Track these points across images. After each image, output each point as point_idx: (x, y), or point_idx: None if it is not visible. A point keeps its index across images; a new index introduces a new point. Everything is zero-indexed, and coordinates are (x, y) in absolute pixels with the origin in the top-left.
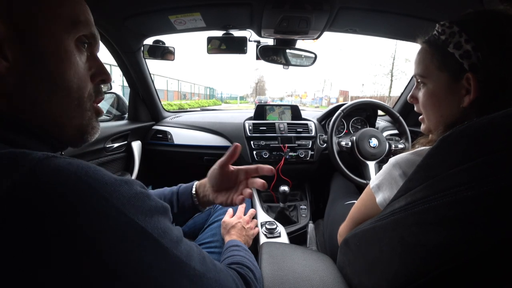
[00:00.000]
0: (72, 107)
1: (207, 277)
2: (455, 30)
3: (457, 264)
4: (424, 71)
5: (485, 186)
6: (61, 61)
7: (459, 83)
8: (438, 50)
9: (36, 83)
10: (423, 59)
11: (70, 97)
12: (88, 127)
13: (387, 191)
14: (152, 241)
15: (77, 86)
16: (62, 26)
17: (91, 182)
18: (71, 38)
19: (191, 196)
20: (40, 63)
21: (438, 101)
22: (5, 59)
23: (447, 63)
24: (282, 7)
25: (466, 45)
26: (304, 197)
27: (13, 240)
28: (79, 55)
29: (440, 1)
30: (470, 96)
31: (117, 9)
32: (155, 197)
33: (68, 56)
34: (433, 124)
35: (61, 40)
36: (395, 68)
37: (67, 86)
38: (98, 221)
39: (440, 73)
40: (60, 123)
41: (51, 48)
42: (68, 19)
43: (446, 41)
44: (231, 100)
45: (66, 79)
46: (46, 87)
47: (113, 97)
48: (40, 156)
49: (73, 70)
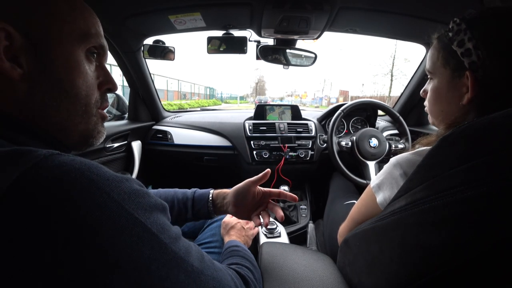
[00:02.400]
0: (79, 113)
1: (205, 275)
2: (462, 28)
3: (457, 264)
4: (431, 67)
5: (485, 186)
6: (71, 70)
7: (460, 80)
8: (444, 47)
9: (46, 90)
10: (432, 55)
11: (78, 104)
12: (94, 132)
13: (388, 191)
14: (151, 236)
15: (85, 94)
16: (74, 38)
17: (93, 178)
18: (82, 49)
19: (207, 204)
20: (52, 72)
21: (440, 97)
22: (20, 67)
23: (450, 60)
24: (282, 7)
25: (468, 43)
26: (304, 197)
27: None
28: (88, 64)
29: (441, 1)
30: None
31: (117, 9)
32: (154, 195)
33: (78, 65)
34: (434, 118)
35: (72, 51)
36: (395, 68)
37: (75, 93)
38: (99, 215)
39: (444, 69)
40: (65, 128)
41: (63, 58)
42: (80, 31)
43: (452, 39)
44: (231, 100)
45: (75, 86)
46: (56, 94)
47: (113, 97)
48: (45, 153)
49: (82, 78)
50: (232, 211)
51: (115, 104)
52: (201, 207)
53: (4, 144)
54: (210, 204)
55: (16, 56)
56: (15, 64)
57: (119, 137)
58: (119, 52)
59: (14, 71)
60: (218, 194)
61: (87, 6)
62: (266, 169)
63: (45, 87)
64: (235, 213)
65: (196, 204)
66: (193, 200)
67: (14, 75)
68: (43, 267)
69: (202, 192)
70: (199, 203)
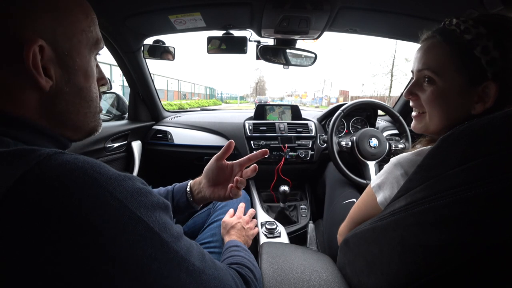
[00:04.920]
0: (92, 113)
1: (206, 274)
2: (482, 32)
3: (457, 264)
4: (438, 68)
5: (485, 186)
6: (89, 77)
7: (475, 89)
8: (460, 49)
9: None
10: (438, 55)
11: (93, 107)
12: (98, 126)
13: (388, 191)
14: (153, 235)
15: (96, 95)
16: (90, 45)
17: (96, 176)
18: (94, 55)
19: (185, 194)
20: (74, 82)
21: (446, 103)
22: (50, 78)
23: (469, 66)
24: (282, 7)
25: (494, 51)
26: (304, 197)
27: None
28: (95, 68)
29: (440, 1)
30: (484, 104)
31: (117, 9)
32: (156, 194)
33: (92, 72)
34: (434, 124)
35: (89, 59)
36: (395, 68)
37: (91, 98)
38: (101, 213)
39: (456, 74)
40: (78, 127)
41: (83, 67)
42: (93, 39)
43: (472, 42)
44: (231, 100)
45: (91, 92)
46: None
47: (113, 97)
48: (48, 152)
49: (94, 83)
50: (209, 192)
51: (115, 104)
52: (180, 197)
53: (11, 143)
54: (189, 193)
55: (46, 68)
56: (47, 77)
57: (119, 137)
58: (119, 52)
59: (47, 84)
60: (195, 181)
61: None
62: (229, 140)
63: (67, 96)
64: (212, 193)
65: (175, 195)
66: (173, 192)
67: (46, 88)
68: (44, 264)
69: (181, 184)
70: (178, 193)
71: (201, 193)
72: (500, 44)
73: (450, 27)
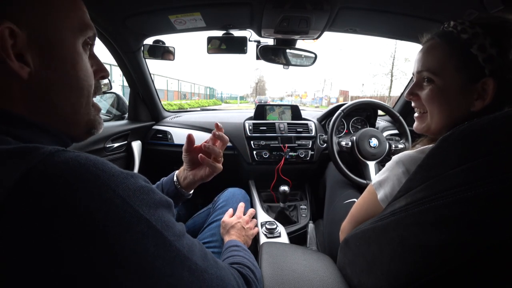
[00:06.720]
0: (83, 105)
1: (208, 273)
2: (478, 31)
3: (457, 264)
4: (437, 68)
5: (485, 186)
6: (75, 64)
7: (474, 86)
8: (458, 49)
9: (53, 87)
10: (437, 56)
11: (82, 97)
12: (96, 122)
13: (389, 188)
14: (155, 233)
15: (87, 85)
16: (73, 31)
17: (99, 173)
18: (80, 41)
19: (173, 182)
20: (57, 68)
21: (446, 101)
22: (27, 65)
23: (467, 64)
24: (282, 7)
25: (491, 49)
26: (304, 197)
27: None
28: (85, 56)
29: (440, 1)
30: (483, 101)
31: (117, 9)
32: (159, 192)
33: (79, 58)
34: (435, 123)
35: (73, 44)
36: (395, 68)
37: (80, 87)
38: (104, 211)
39: (456, 73)
40: (73, 121)
41: (66, 52)
42: (78, 24)
43: (469, 41)
44: (231, 100)
45: (80, 79)
46: (62, 90)
47: (113, 97)
48: (51, 149)
49: (83, 71)
50: (192, 175)
51: (115, 104)
52: (168, 187)
53: (11, 141)
54: (176, 182)
55: (21, 54)
56: (22, 63)
57: (119, 137)
58: (119, 52)
59: (22, 70)
60: (180, 170)
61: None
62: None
63: (52, 84)
64: (195, 175)
65: (164, 186)
66: (162, 185)
67: (23, 74)
68: (47, 262)
69: (168, 176)
70: (167, 184)
71: (187, 179)
72: (497, 42)
73: (448, 29)
